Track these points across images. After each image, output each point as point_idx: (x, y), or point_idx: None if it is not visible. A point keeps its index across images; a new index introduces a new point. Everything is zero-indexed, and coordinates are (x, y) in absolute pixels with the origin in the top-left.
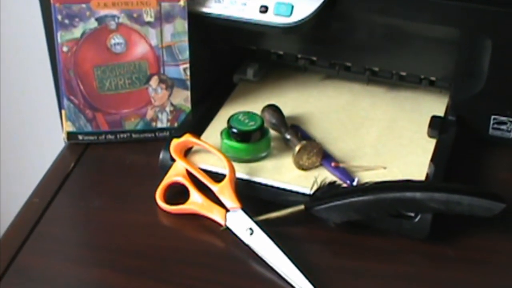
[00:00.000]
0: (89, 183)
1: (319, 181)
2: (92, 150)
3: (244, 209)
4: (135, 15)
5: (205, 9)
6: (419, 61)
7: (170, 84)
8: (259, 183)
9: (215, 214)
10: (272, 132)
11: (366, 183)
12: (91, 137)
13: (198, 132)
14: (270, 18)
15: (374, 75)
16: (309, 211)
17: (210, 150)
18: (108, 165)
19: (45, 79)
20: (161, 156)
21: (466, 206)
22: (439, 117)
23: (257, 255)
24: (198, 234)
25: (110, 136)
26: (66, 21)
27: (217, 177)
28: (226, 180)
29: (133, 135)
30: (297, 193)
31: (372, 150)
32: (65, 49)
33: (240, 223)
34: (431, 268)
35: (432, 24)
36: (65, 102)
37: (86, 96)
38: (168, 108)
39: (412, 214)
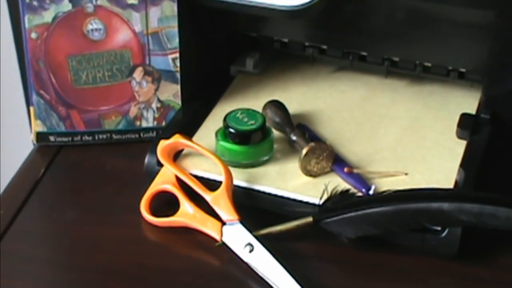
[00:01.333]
0: (62, 192)
1: (329, 190)
2: (66, 153)
3: (243, 221)
4: None
5: None
6: (447, 49)
7: (156, 76)
8: (260, 192)
9: (209, 227)
10: (275, 133)
11: (385, 191)
12: (65, 139)
13: (189, 132)
14: (273, 0)
15: (394, 66)
16: (318, 224)
17: (204, 153)
18: (84, 171)
19: (10, 70)
20: (146, 160)
21: (502, 219)
22: (470, 115)
23: (257, 275)
24: (190, 251)
25: (87, 137)
26: (35, 3)
27: (212, 185)
28: (222, 188)
29: (114, 136)
30: (304, 203)
31: (391, 153)
32: (33, 35)
33: (238, 238)
34: None
35: (463, 6)
36: (34, 97)
37: (59, 90)
38: (154, 105)
39: (439, 228)
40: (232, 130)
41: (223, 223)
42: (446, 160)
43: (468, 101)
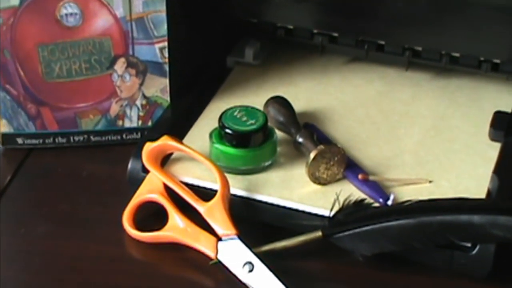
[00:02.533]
0: (32, 203)
1: (341, 199)
2: (36, 158)
3: (241, 236)
4: None
5: None
6: (478, 37)
7: (141, 69)
8: (262, 202)
9: (202, 243)
10: (279, 134)
11: (405, 202)
12: (35, 141)
13: (179, 133)
14: None
15: (416, 56)
16: (329, 240)
17: (196, 158)
18: (58, 178)
19: None
20: (129, 165)
21: None
22: (504, 113)
23: None
24: (180, 271)
25: (60, 139)
26: None
27: (205, 194)
28: (217, 197)
29: (92, 138)
30: (312, 215)
31: (413, 157)
32: None
33: (235, 255)
34: None
35: None
36: None
37: (28, 85)
38: (139, 102)
39: (469, 245)
40: (228, 131)
41: (219, 239)
42: (476, 166)
43: (502, 97)
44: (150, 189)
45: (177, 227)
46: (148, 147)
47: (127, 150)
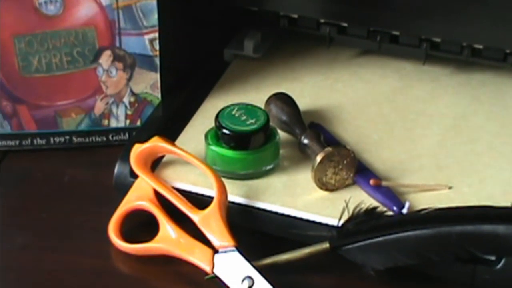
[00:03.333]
0: (8, 212)
1: (351, 208)
2: (12, 161)
3: (240, 248)
4: None
5: None
6: (503, 27)
7: (129, 62)
8: (263, 210)
9: (197, 256)
10: (282, 134)
11: (422, 210)
12: (11, 142)
13: (171, 134)
14: None
15: (434, 48)
16: (337, 252)
17: (190, 161)
18: (36, 183)
19: None
20: (116, 170)
21: None
22: None
23: None
24: (172, 286)
25: (39, 141)
26: None
27: (200, 201)
28: (214, 205)
29: (75, 139)
30: (318, 224)
31: (431, 161)
32: None
33: (234, 269)
34: None
35: None
36: None
37: (3, 80)
38: (126, 99)
39: (492, 258)
40: (226, 131)
41: (215, 251)
42: (501, 170)
43: None
44: (139, 195)
45: (169, 238)
46: (137, 149)
47: (113, 152)
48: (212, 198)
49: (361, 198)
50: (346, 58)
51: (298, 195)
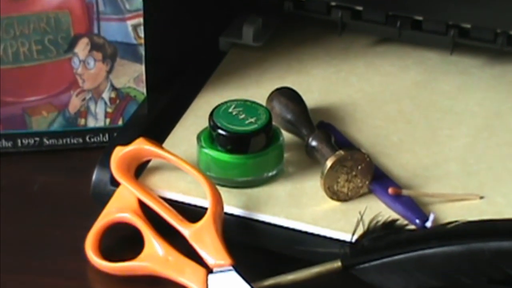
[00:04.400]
0: None
1: (366, 220)
2: None
3: (238, 267)
4: None
5: None
6: None
7: (110, 52)
8: (264, 223)
9: (188, 276)
10: (286, 135)
11: (450, 223)
12: None
13: (158, 135)
14: None
15: (463, 36)
16: (350, 272)
17: (180, 166)
18: (1, 192)
19: None
20: (94, 177)
21: None
22: None
23: None
24: None
25: (5, 143)
26: None
27: (192, 213)
28: (207, 218)
29: (46, 141)
30: (329, 240)
31: (459, 166)
32: None
33: None
34: None
35: None
36: None
37: None
38: (106, 94)
39: None
40: (222, 132)
41: (209, 270)
42: None
43: None
44: (121, 206)
45: (155, 256)
46: (118, 152)
47: (91, 156)
48: (205, 209)
49: (378, 210)
50: (361, 47)
51: (305, 206)
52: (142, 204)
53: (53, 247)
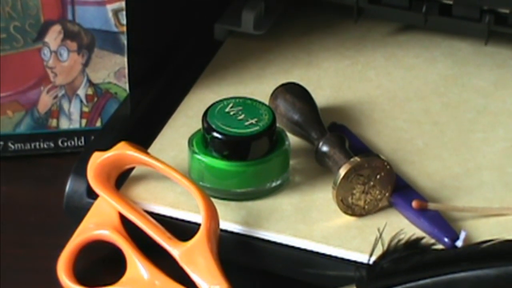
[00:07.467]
0: None
1: (386, 239)
2: None
3: None
4: None
5: None
6: None
7: (86, 41)
8: (267, 242)
9: None
10: (293, 139)
11: (484, 242)
12: None
13: (143, 138)
14: None
15: (500, 23)
16: None
17: (168, 175)
18: None
19: None
20: (68, 187)
21: None
22: None
23: None
24: None
25: None
26: None
27: (183, 230)
28: (200, 235)
29: (11, 146)
30: (342, 261)
31: (495, 175)
32: None
33: None
34: None
35: None
36: None
37: None
38: (82, 91)
39: None
40: (218, 135)
41: None
42: None
43: None
44: (99, 222)
45: (139, 280)
46: (97, 159)
47: (64, 163)
48: (198, 225)
49: (400, 226)
50: (381, 36)
51: (314, 221)
52: (124, 219)
53: (19, 269)
